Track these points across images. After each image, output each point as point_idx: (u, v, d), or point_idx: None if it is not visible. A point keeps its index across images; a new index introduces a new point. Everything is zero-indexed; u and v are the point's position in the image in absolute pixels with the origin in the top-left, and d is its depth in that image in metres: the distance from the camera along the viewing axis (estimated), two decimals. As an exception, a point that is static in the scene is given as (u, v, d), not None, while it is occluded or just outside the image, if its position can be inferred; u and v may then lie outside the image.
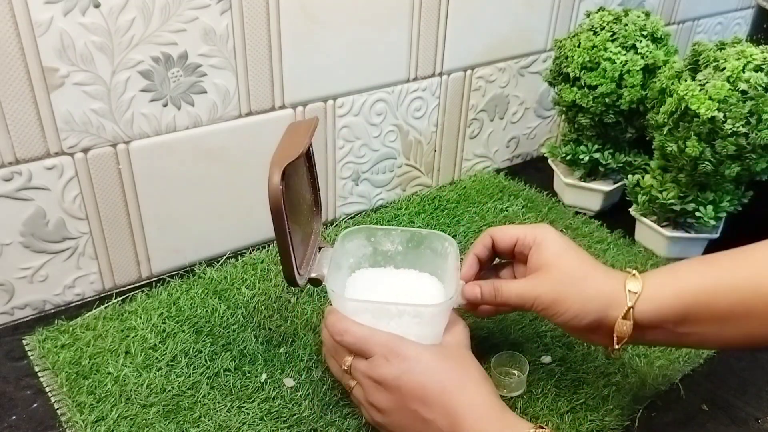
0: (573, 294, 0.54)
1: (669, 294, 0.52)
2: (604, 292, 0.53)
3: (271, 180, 0.52)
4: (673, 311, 0.52)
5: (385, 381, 0.52)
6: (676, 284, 0.52)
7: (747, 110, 0.68)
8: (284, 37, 0.73)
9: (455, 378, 0.52)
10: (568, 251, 0.56)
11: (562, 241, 0.57)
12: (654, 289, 0.52)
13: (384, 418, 0.54)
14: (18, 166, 0.63)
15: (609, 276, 0.55)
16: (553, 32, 0.97)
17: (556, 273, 0.55)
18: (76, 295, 0.72)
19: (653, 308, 0.52)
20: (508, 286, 0.57)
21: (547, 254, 0.56)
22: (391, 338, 0.54)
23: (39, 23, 0.59)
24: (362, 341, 0.54)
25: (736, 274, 0.51)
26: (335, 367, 0.58)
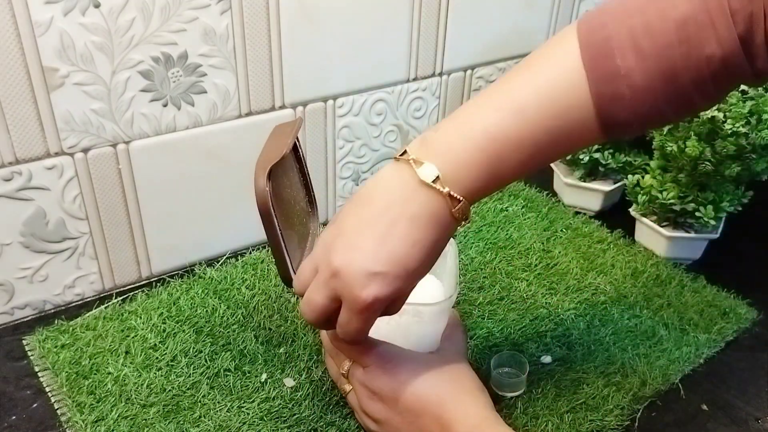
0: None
1: (481, 177, 0.48)
2: (439, 235, 0.48)
3: (257, 183, 0.52)
4: (488, 184, 0.49)
5: (381, 392, 0.53)
6: (484, 164, 0.48)
7: (747, 110, 0.68)
8: (284, 37, 0.73)
9: (451, 390, 0.52)
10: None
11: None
12: (465, 183, 0.48)
13: (378, 427, 0.54)
14: (18, 166, 0.63)
15: (431, 211, 0.48)
16: (553, 32, 0.97)
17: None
18: (76, 295, 0.72)
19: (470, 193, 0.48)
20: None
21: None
22: (387, 348, 0.54)
23: (39, 23, 0.59)
24: (359, 349, 0.54)
25: (543, 119, 0.48)
26: (333, 369, 0.58)
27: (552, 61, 0.50)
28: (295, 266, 0.57)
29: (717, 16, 0.45)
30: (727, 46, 0.45)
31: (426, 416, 0.51)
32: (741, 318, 0.72)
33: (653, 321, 0.71)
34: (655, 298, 0.74)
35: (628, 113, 0.47)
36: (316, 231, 0.65)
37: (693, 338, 0.69)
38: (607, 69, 0.46)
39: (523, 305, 0.72)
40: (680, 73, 0.46)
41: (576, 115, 0.48)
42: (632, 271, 0.78)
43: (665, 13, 0.46)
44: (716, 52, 0.45)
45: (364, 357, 0.54)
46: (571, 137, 0.49)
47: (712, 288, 0.76)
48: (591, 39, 0.47)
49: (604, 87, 0.47)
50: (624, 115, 0.47)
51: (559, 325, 0.70)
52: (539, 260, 0.79)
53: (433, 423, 0.51)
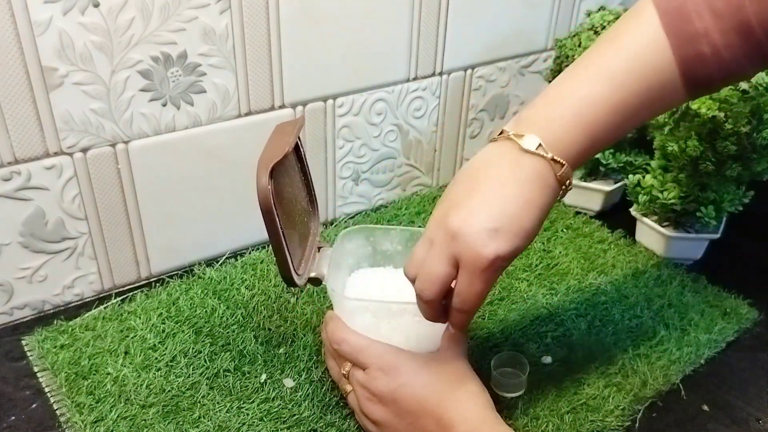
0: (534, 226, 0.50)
1: (586, 153, 0.51)
2: (545, 201, 0.50)
3: (259, 181, 0.52)
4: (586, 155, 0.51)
5: (380, 394, 0.53)
6: (591, 145, 0.51)
7: (748, 110, 0.68)
8: (284, 36, 0.73)
9: (452, 391, 0.52)
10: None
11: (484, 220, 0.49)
12: (568, 154, 0.50)
13: (377, 429, 0.54)
14: (17, 166, 0.63)
15: (534, 185, 0.49)
16: (553, 32, 0.97)
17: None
18: (75, 295, 0.72)
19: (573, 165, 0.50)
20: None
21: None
22: (387, 350, 0.54)
23: (38, 23, 0.59)
24: (358, 352, 0.55)
25: (633, 95, 0.50)
26: (334, 370, 0.59)
27: (633, 30, 0.51)
28: (296, 265, 0.57)
29: None
30: None
31: (426, 417, 0.51)
32: (742, 318, 0.72)
33: (654, 321, 0.71)
34: (655, 298, 0.74)
35: (710, 71, 0.50)
36: (317, 230, 0.65)
37: (694, 338, 0.69)
38: (686, 31, 0.49)
39: (523, 305, 0.72)
40: (754, 28, 0.48)
41: (662, 78, 0.50)
42: (633, 272, 0.78)
43: None
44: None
45: (364, 359, 0.54)
46: (660, 98, 0.52)
47: (713, 288, 0.76)
48: (668, 6, 0.50)
49: (686, 49, 0.49)
50: (707, 72, 0.50)
51: (559, 325, 0.70)
52: (540, 260, 0.79)
53: (433, 424, 0.51)
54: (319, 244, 0.63)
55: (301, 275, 0.58)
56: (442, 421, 0.50)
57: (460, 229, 0.48)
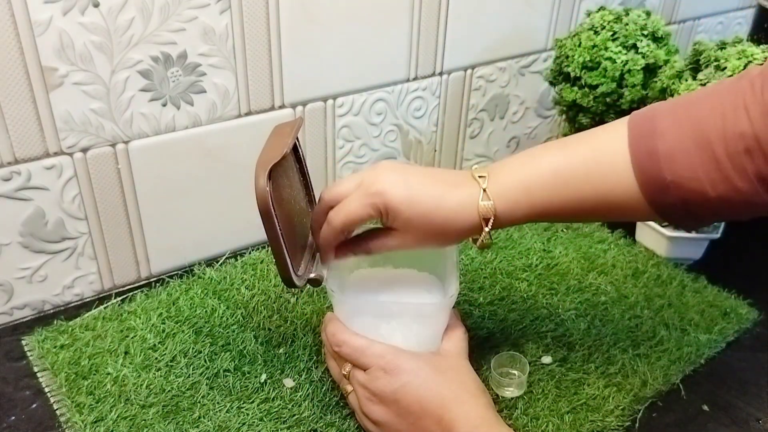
0: (439, 239, 0.56)
1: (521, 212, 0.54)
2: (464, 229, 0.54)
3: (257, 183, 0.52)
4: (525, 220, 0.55)
5: (382, 394, 0.53)
6: (527, 202, 0.54)
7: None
8: (284, 36, 0.73)
9: (452, 390, 0.52)
10: (416, 208, 0.54)
11: (405, 199, 0.53)
12: (506, 210, 0.54)
13: (378, 429, 0.54)
14: (17, 166, 0.63)
15: (462, 210, 0.54)
16: (553, 31, 0.97)
17: (417, 230, 0.55)
18: (75, 295, 0.72)
19: (507, 223, 0.55)
20: (377, 245, 0.57)
21: (400, 221, 0.54)
22: (388, 350, 0.54)
23: (38, 23, 0.59)
24: (359, 353, 0.55)
25: (584, 187, 0.53)
26: (335, 370, 0.59)
27: (602, 132, 0.56)
28: (296, 265, 0.57)
29: (750, 102, 0.48)
30: (758, 126, 0.47)
31: (427, 418, 0.51)
32: (742, 318, 0.72)
33: (654, 321, 0.71)
34: (655, 298, 0.74)
35: (664, 172, 0.50)
36: None
37: (694, 338, 0.69)
38: (644, 128, 0.52)
39: (523, 305, 0.72)
40: (713, 141, 0.49)
41: (615, 173, 0.52)
42: (633, 272, 0.78)
43: (704, 100, 0.51)
44: (747, 131, 0.47)
45: (364, 360, 0.54)
46: (615, 200, 0.53)
47: (713, 288, 0.76)
48: (636, 116, 0.54)
49: (640, 142, 0.51)
50: (660, 174, 0.50)
51: (559, 325, 0.70)
52: (540, 260, 0.79)
53: (434, 424, 0.51)
54: None
55: (301, 276, 0.58)
56: (443, 421, 0.50)
57: (382, 184, 0.54)
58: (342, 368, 0.56)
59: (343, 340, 0.56)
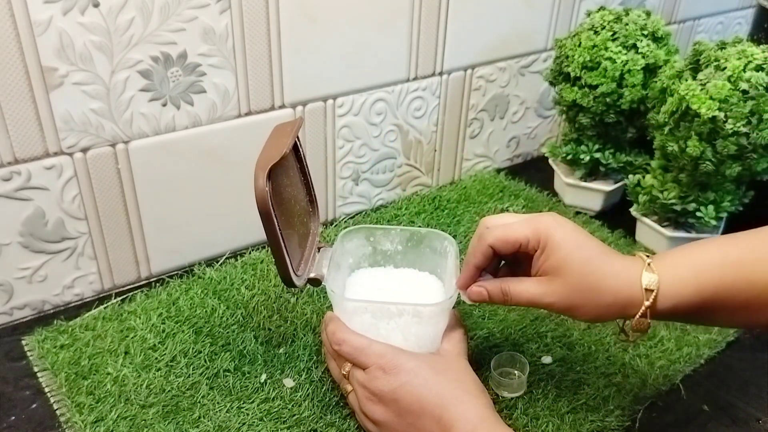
0: (588, 301, 0.52)
1: (688, 291, 0.51)
2: (621, 295, 0.52)
3: (256, 183, 0.52)
4: (691, 305, 0.51)
5: (381, 393, 0.53)
6: (695, 280, 0.51)
7: (748, 110, 0.68)
8: (284, 36, 0.73)
9: (452, 390, 0.52)
10: (578, 251, 0.52)
11: (570, 240, 0.53)
12: (672, 286, 0.51)
13: (377, 429, 0.54)
14: (17, 166, 0.63)
15: (625, 273, 0.52)
16: (553, 31, 0.97)
17: (569, 279, 0.52)
18: (75, 295, 0.72)
19: (671, 304, 0.51)
20: (517, 289, 0.54)
21: (555, 258, 0.52)
22: (388, 350, 0.54)
23: (38, 23, 0.59)
24: (359, 352, 0.55)
25: (755, 268, 0.50)
26: (335, 370, 0.59)
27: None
28: (296, 265, 0.57)
29: None
30: None
31: (426, 417, 0.51)
32: (742, 318, 0.72)
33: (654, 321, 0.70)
34: (655, 298, 0.74)
35: None
36: (317, 230, 0.65)
37: (694, 338, 0.69)
38: None
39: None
40: None
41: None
42: (633, 271, 0.78)
43: None
44: None
45: (364, 359, 0.54)
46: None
47: (712, 288, 0.76)
48: None
49: None
50: None
51: (559, 325, 0.70)
52: (539, 260, 0.79)
53: (433, 424, 0.51)
54: (319, 245, 0.63)
55: (300, 276, 0.58)
56: (442, 420, 0.50)
57: None
58: (342, 368, 0.56)
59: (343, 338, 0.56)
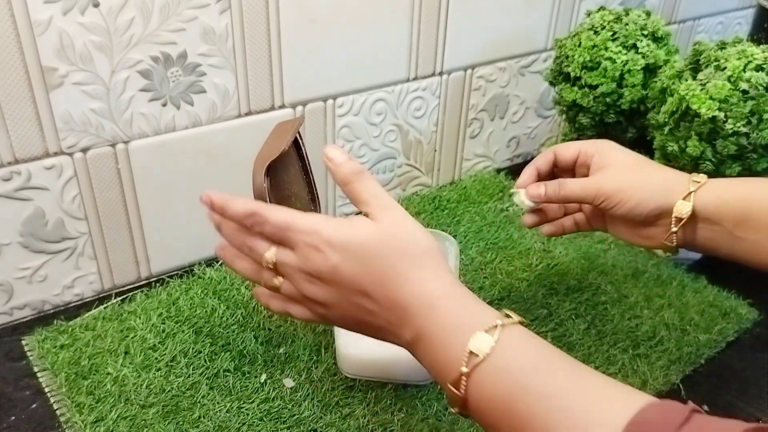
0: (636, 182, 0.56)
1: (733, 193, 0.53)
2: (668, 179, 0.56)
3: (254, 179, 0.52)
4: (734, 209, 0.53)
5: (320, 273, 0.45)
6: (741, 186, 0.54)
7: (748, 110, 0.68)
8: (284, 36, 0.73)
9: (397, 262, 0.45)
10: (631, 154, 0.59)
11: (624, 149, 0.60)
12: (718, 186, 0.54)
13: (327, 311, 0.47)
14: (17, 166, 0.63)
15: (674, 170, 0.57)
16: (553, 31, 0.97)
17: (620, 167, 0.58)
18: (75, 295, 0.72)
19: (714, 200, 0.53)
20: (572, 181, 0.59)
21: (609, 155, 0.58)
22: (317, 223, 0.46)
23: (38, 23, 0.59)
24: (283, 230, 0.46)
25: None
26: (246, 267, 0.50)
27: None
28: None
29: None
30: None
31: (372, 297, 0.45)
32: (742, 318, 0.72)
33: (654, 321, 0.71)
34: (655, 298, 0.74)
35: None
36: None
37: (694, 338, 0.69)
38: None
39: (523, 305, 0.72)
40: None
41: None
42: (633, 272, 0.78)
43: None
44: None
45: (292, 236, 0.46)
46: None
47: (713, 288, 0.76)
48: None
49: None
50: None
51: (559, 325, 0.70)
52: (540, 260, 0.79)
53: (384, 303, 0.45)
54: None
55: None
56: (392, 299, 0.44)
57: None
58: (263, 261, 0.48)
59: (265, 217, 0.47)
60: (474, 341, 0.41)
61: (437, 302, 0.44)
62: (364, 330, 0.48)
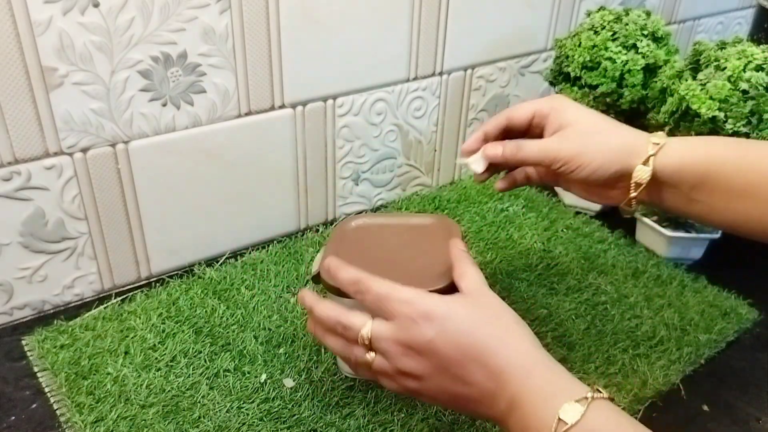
0: (596, 144, 0.54)
1: (692, 155, 0.52)
2: (628, 141, 0.54)
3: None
4: (692, 172, 0.52)
5: (417, 345, 0.46)
6: (701, 148, 0.52)
7: (748, 110, 0.68)
8: (284, 36, 0.73)
9: (492, 332, 0.46)
10: (588, 112, 0.57)
11: (580, 106, 0.57)
12: (678, 146, 0.53)
13: (421, 384, 0.47)
14: (17, 166, 0.63)
15: (632, 130, 0.55)
16: (553, 31, 0.97)
17: (578, 128, 0.55)
18: (75, 295, 0.72)
19: (674, 163, 0.52)
20: (530, 144, 0.56)
21: (566, 115, 0.56)
22: (414, 295, 0.47)
23: (38, 23, 0.59)
24: (383, 299, 0.48)
25: (763, 155, 0.51)
26: (339, 344, 0.51)
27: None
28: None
29: None
30: None
31: (470, 366, 0.46)
32: (742, 318, 0.72)
33: (654, 321, 0.71)
34: (655, 298, 0.74)
35: None
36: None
37: (694, 338, 0.69)
38: None
39: (523, 305, 0.72)
40: None
41: None
42: (633, 272, 0.78)
43: None
44: None
45: (390, 306, 0.47)
46: None
47: (713, 288, 0.76)
48: None
49: None
50: None
51: (559, 325, 0.70)
52: (540, 260, 0.79)
53: (479, 371, 0.45)
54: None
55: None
56: (489, 367, 0.45)
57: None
58: (358, 338, 0.48)
59: (368, 286, 0.48)
60: (565, 410, 0.42)
61: (533, 369, 0.45)
62: (457, 404, 0.48)
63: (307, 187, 0.83)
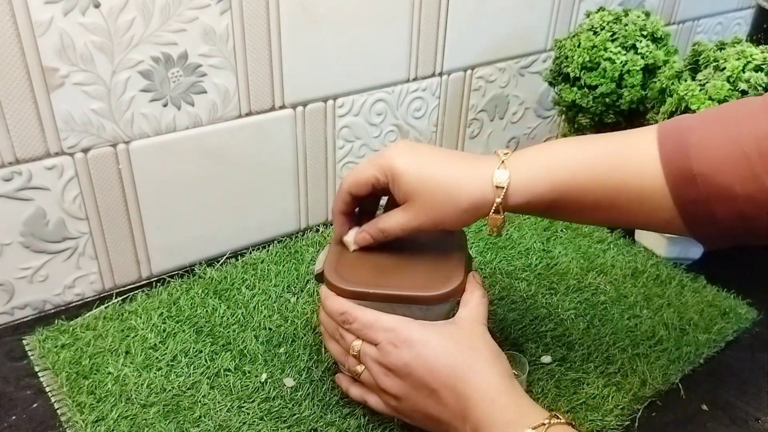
0: (449, 212, 0.54)
1: (540, 188, 0.53)
2: (475, 197, 0.53)
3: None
4: (543, 202, 0.53)
5: (395, 368, 0.52)
6: (545, 179, 0.53)
7: (747, 110, 0.68)
8: (284, 37, 0.73)
9: (465, 360, 0.51)
10: (424, 171, 0.55)
11: (414, 163, 0.55)
12: (525, 183, 0.53)
13: (399, 404, 0.53)
14: (18, 166, 0.63)
15: (478, 174, 0.54)
16: (553, 32, 0.97)
17: (425, 197, 0.54)
18: (76, 295, 0.72)
19: (522, 201, 0.53)
20: (389, 222, 0.57)
21: (405, 184, 0.55)
22: (397, 323, 0.53)
23: (39, 23, 0.59)
24: (368, 327, 0.54)
25: (609, 171, 0.52)
26: (337, 350, 0.57)
27: (629, 131, 0.55)
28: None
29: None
30: None
31: (441, 390, 0.51)
32: (741, 318, 0.72)
33: (653, 321, 0.71)
34: (655, 298, 0.74)
35: (691, 162, 0.48)
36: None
37: (693, 338, 0.69)
38: (674, 125, 0.51)
39: (523, 305, 0.72)
40: (744, 138, 0.47)
41: (641, 161, 0.51)
42: (632, 271, 0.78)
43: (734, 105, 0.52)
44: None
45: (374, 334, 0.53)
46: (635, 185, 0.51)
47: (712, 288, 0.76)
48: (665, 121, 0.53)
49: (669, 135, 0.50)
50: (687, 164, 0.48)
51: (559, 325, 0.70)
52: (539, 260, 0.79)
53: (450, 396, 0.50)
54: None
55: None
56: (456, 391, 0.50)
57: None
58: (350, 349, 0.55)
59: (353, 316, 0.54)
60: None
61: (497, 397, 0.49)
62: (431, 423, 0.53)
63: (308, 187, 0.83)
